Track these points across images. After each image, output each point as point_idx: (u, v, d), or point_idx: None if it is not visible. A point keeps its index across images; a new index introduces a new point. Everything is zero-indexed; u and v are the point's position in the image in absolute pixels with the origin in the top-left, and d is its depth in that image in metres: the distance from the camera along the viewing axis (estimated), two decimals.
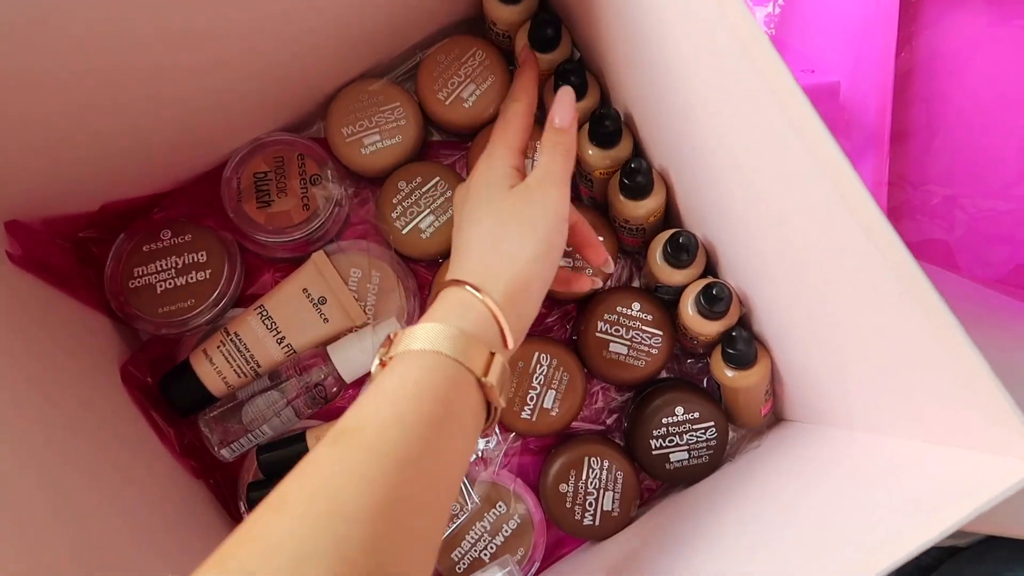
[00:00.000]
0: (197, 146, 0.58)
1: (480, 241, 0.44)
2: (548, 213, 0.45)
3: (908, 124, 0.56)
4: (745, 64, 0.36)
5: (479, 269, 0.43)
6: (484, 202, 0.46)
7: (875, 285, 0.36)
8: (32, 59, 0.39)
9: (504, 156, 0.48)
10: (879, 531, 0.36)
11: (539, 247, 0.44)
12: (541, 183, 0.46)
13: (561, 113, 0.48)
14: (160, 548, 0.49)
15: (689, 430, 0.56)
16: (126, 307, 0.57)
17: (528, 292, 0.43)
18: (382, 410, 0.35)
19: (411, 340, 0.38)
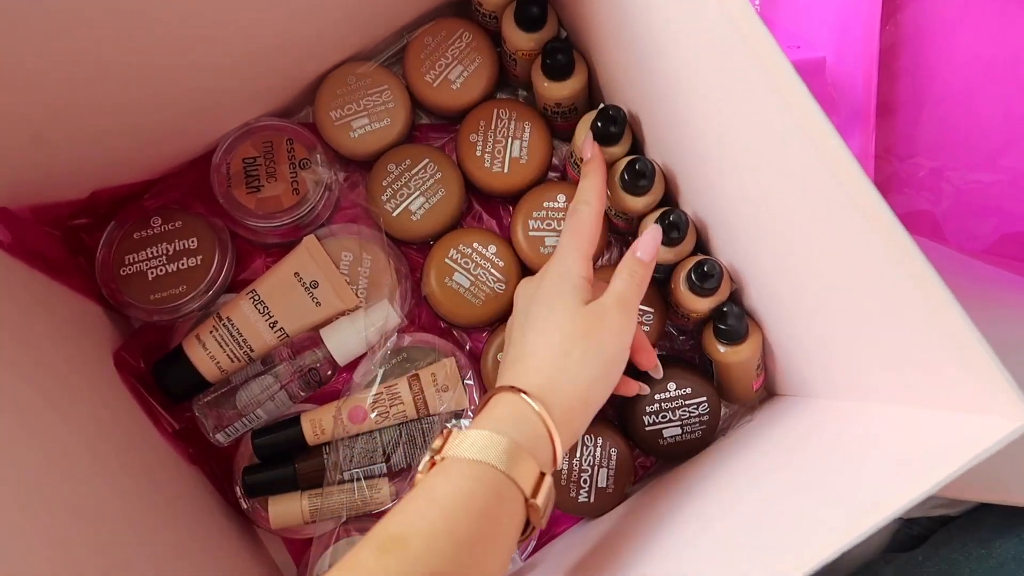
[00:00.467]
0: (186, 132, 0.58)
1: (546, 353, 0.43)
2: (617, 339, 0.45)
3: (894, 97, 0.56)
4: (734, 38, 0.36)
5: (542, 383, 0.42)
6: (555, 312, 0.45)
7: (863, 252, 0.37)
8: (18, 47, 0.39)
9: (577, 265, 0.46)
10: (867, 493, 0.36)
11: (603, 370, 0.44)
12: (616, 307, 0.45)
13: (644, 248, 0.48)
14: (157, 533, 0.50)
15: (682, 406, 0.56)
16: (118, 294, 0.57)
17: (585, 413, 0.44)
18: (434, 521, 0.35)
19: (466, 446, 0.38)
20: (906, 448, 0.38)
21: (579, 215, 0.48)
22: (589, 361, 0.43)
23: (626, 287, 0.46)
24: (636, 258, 0.48)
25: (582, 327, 0.44)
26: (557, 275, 0.46)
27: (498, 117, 0.59)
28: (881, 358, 0.41)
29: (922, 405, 0.39)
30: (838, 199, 0.36)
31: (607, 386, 0.45)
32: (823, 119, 0.35)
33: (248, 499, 0.57)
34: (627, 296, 0.46)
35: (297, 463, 0.56)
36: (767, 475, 0.47)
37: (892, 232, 0.34)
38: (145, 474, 0.52)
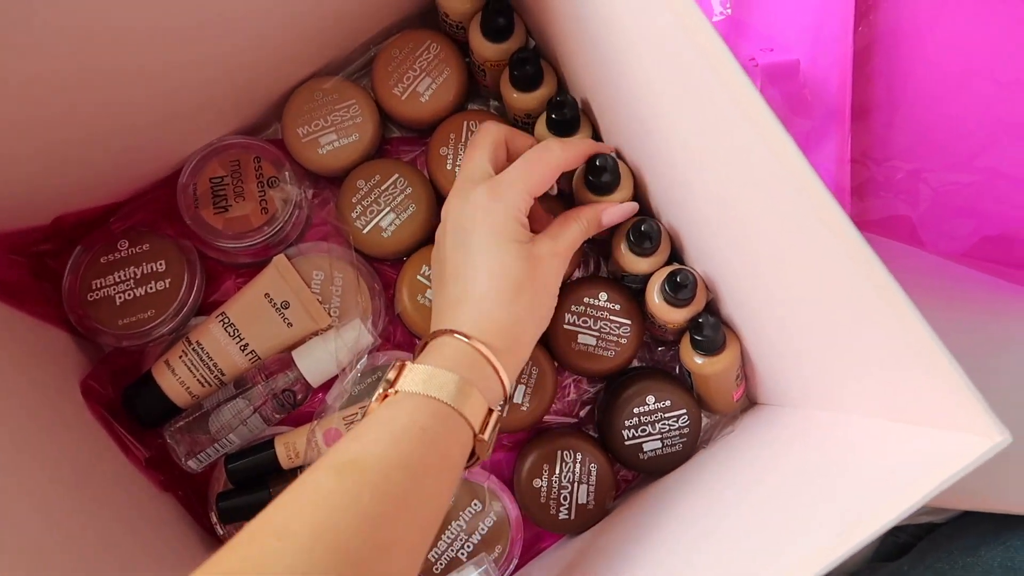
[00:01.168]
0: (151, 153, 0.57)
1: (496, 298, 0.43)
2: (558, 283, 0.46)
3: (869, 100, 0.55)
4: (690, 50, 0.35)
5: (493, 329, 0.43)
6: (501, 252, 0.44)
7: (829, 265, 0.36)
8: None
9: (523, 201, 0.45)
10: (848, 511, 0.35)
11: (546, 315, 0.46)
12: (564, 255, 0.47)
13: (612, 215, 0.50)
14: (130, 564, 0.49)
15: (661, 419, 0.55)
16: (85, 321, 0.56)
17: (526, 353, 0.45)
18: (388, 451, 0.36)
19: (420, 381, 0.39)
20: (885, 465, 0.37)
21: (546, 153, 0.47)
22: (536, 307, 0.45)
23: (575, 239, 0.47)
24: (598, 216, 0.49)
25: (529, 272, 0.44)
26: (502, 208, 0.44)
27: (468, 129, 0.58)
28: (854, 370, 0.41)
29: (899, 419, 0.38)
30: (801, 211, 0.35)
31: (543, 328, 0.47)
32: (781, 131, 0.34)
33: (223, 525, 0.56)
34: (574, 247, 0.48)
35: (272, 487, 0.55)
36: (748, 492, 0.46)
37: (855, 245, 0.33)
38: (117, 504, 0.51)
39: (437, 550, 0.56)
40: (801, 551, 0.35)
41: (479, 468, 0.58)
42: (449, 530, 0.56)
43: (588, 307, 0.56)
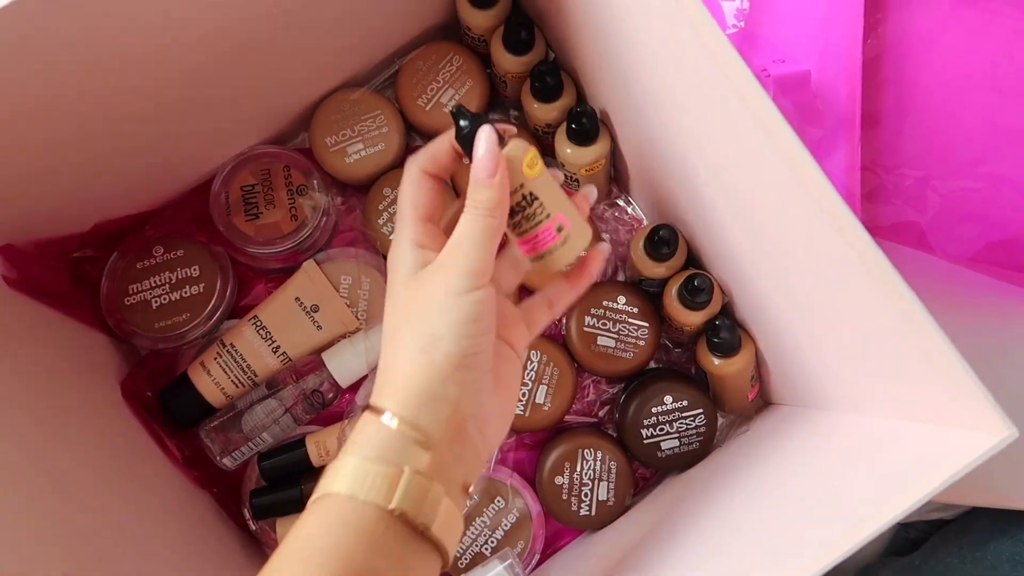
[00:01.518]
0: (185, 162, 0.59)
1: (385, 348, 0.37)
2: (440, 296, 0.35)
3: (879, 109, 0.57)
4: (706, 62, 0.37)
5: (383, 386, 0.36)
6: (389, 298, 0.38)
7: (841, 269, 0.37)
8: (24, 85, 0.40)
9: (406, 231, 0.38)
10: (859, 506, 0.37)
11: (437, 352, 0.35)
12: (440, 262, 0.36)
13: (479, 163, 0.37)
14: (168, 558, 0.51)
15: (679, 418, 0.57)
16: (123, 324, 0.58)
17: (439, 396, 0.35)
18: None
19: (323, 483, 0.33)
20: (895, 461, 0.39)
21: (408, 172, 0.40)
22: (416, 339, 0.35)
23: (461, 225, 0.37)
24: (475, 181, 0.37)
25: (405, 299, 0.37)
26: (389, 262, 0.39)
27: None
28: (865, 371, 0.42)
29: (909, 417, 0.40)
30: (815, 217, 0.37)
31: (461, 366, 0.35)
32: (795, 140, 0.36)
33: (256, 521, 0.58)
34: (461, 237, 0.36)
35: (303, 484, 0.57)
36: (762, 489, 0.48)
37: (867, 251, 0.35)
38: (155, 500, 0.53)
39: (462, 545, 0.58)
40: (812, 545, 0.37)
41: (502, 466, 0.60)
42: (473, 526, 0.58)
43: (607, 310, 0.58)
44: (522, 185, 0.38)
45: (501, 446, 0.59)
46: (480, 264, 0.36)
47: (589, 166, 0.56)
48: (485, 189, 0.36)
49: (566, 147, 0.56)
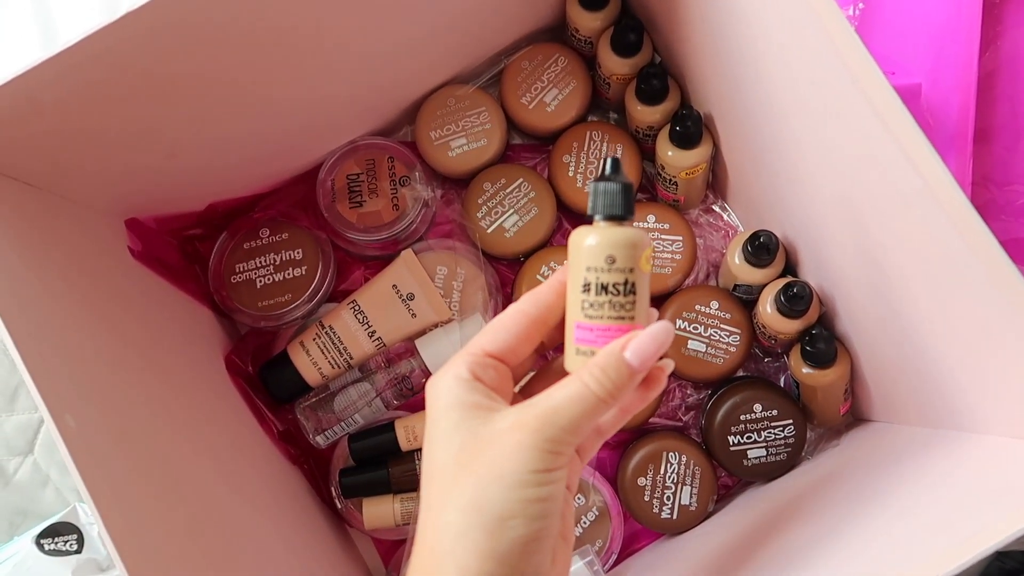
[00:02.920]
0: (295, 150, 0.61)
1: (425, 516, 0.31)
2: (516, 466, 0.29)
3: (992, 124, 0.56)
4: (836, 62, 0.37)
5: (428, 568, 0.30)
6: (434, 439, 0.31)
7: (962, 280, 0.37)
8: (154, 70, 0.42)
9: (457, 359, 0.32)
10: (964, 524, 0.36)
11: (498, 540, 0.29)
12: (523, 421, 0.30)
13: (639, 349, 0.31)
14: (262, 526, 0.52)
15: (767, 427, 0.56)
16: (228, 301, 0.60)
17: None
18: None
19: None
20: (1002, 481, 0.38)
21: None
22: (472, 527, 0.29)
23: (562, 405, 0.30)
24: (621, 358, 0.31)
25: (456, 462, 0.30)
26: (429, 390, 0.32)
27: (590, 139, 0.61)
28: (975, 387, 0.41)
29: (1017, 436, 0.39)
30: (937, 223, 0.36)
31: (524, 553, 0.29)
32: (926, 143, 0.35)
33: (343, 500, 0.60)
34: (552, 421, 0.30)
35: (390, 467, 0.58)
36: (854, 505, 0.47)
37: (993, 257, 0.34)
38: (251, 470, 0.55)
39: None
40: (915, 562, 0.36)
41: None
42: None
43: (699, 314, 0.58)
44: (632, 271, 0.33)
45: None
46: (569, 445, 0.30)
47: (689, 169, 0.56)
48: (624, 372, 0.30)
49: (668, 149, 0.56)
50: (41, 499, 0.62)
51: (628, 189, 0.34)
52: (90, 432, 0.38)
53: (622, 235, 0.33)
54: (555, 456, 0.29)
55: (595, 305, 0.33)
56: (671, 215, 0.60)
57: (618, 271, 0.33)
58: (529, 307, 0.34)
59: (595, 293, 0.33)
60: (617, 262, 0.33)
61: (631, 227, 0.34)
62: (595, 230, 0.33)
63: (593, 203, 0.34)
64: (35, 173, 0.45)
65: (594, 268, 0.33)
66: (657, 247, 0.59)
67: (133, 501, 0.40)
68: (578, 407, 0.30)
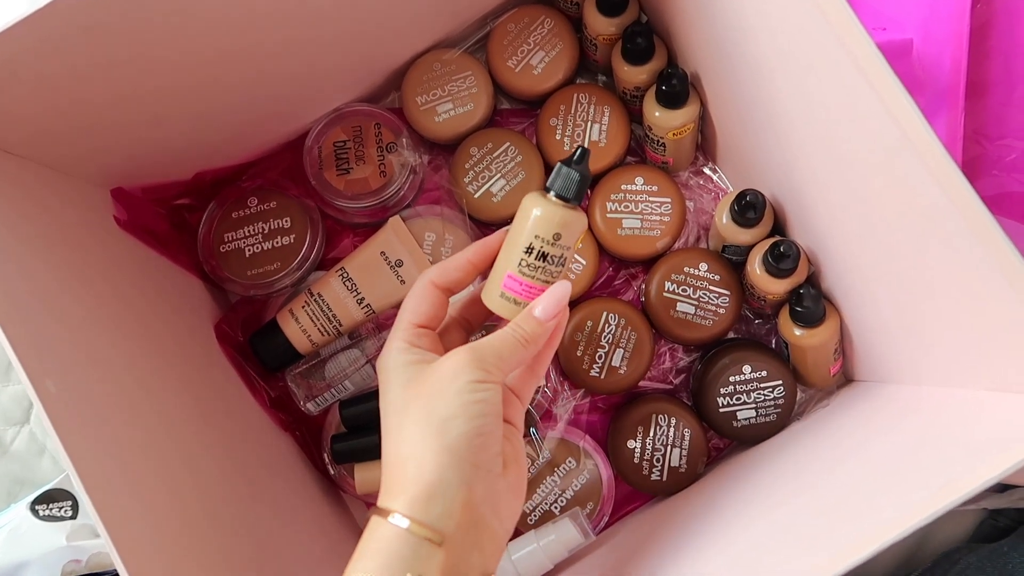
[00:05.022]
0: (281, 117, 0.61)
1: (387, 448, 0.38)
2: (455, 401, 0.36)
3: (985, 78, 0.55)
4: (818, 19, 0.36)
5: (390, 485, 0.36)
6: (386, 399, 0.39)
7: (945, 232, 0.36)
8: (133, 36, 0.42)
9: (395, 340, 0.40)
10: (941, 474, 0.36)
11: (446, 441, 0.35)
12: (453, 363, 0.37)
13: (545, 304, 0.39)
14: (252, 494, 0.53)
15: (756, 388, 0.56)
16: (218, 270, 0.60)
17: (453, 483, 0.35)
18: None
19: None
20: (982, 432, 0.38)
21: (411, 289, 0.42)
22: (425, 433, 0.35)
23: (488, 338, 0.38)
24: (530, 315, 0.39)
25: (407, 394, 0.37)
26: (379, 367, 0.40)
27: (578, 101, 0.60)
28: (962, 343, 0.41)
29: (1003, 389, 0.39)
30: (921, 180, 0.36)
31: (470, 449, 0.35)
32: (908, 100, 0.35)
33: (335, 465, 0.60)
34: (482, 344, 0.38)
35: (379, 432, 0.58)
36: (837, 462, 0.47)
37: (976, 214, 0.34)
38: (243, 438, 0.56)
39: (532, 503, 0.59)
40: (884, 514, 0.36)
41: (574, 427, 0.60)
42: (544, 485, 0.59)
43: (688, 276, 0.58)
44: (569, 248, 0.40)
45: (575, 407, 0.60)
46: (496, 369, 0.37)
47: (677, 130, 0.56)
48: (535, 325, 0.39)
49: (655, 110, 0.56)
50: (38, 468, 0.63)
51: (585, 181, 0.40)
52: (72, 397, 0.39)
53: (573, 218, 0.40)
54: (486, 372, 0.37)
55: (531, 267, 0.40)
56: (659, 177, 0.59)
57: (560, 247, 0.40)
58: (440, 280, 0.41)
59: (535, 258, 0.39)
60: (562, 239, 0.39)
61: (578, 211, 0.40)
62: (549, 204, 0.40)
63: (554, 179, 0.40)
64: (15, 142, 0.45)
65: (541, 238, 0.39)
66: (645, 210, 0.59)
67: (116, 467, 0.40)
68: (501, 343, 0.38)
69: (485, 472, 0.36)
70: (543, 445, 0.58)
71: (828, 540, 0.38)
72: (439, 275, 0.41)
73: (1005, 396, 0.39)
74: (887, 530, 0.34)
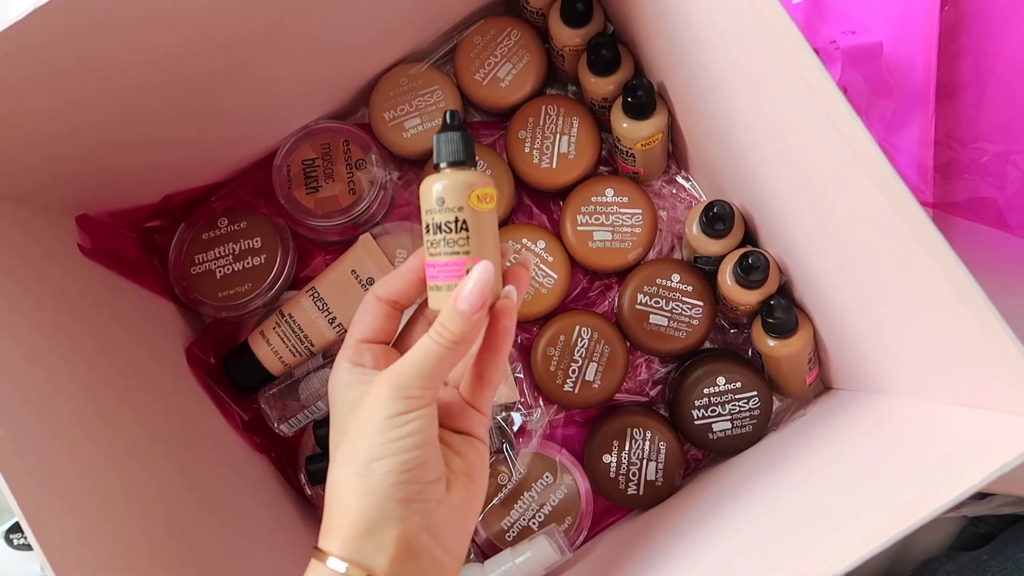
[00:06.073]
0: (250, 137, 0.61)
1: (328, 483, 0.37)
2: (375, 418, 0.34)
3: (956, 80, 0.54)
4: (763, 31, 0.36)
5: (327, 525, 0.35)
6: (332, 425, 0.39)
7: (896, 245, 0.36)
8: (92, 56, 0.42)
9: (340, 355, 0.40)
10: (906, 493, 0.36)
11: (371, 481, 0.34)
12: (380, 381, 0.35)
13: (466, 294, 0.35)
14: (228, 518, 0.53)
15: (732, 400, 0.56)
16: (189, 292, 0.60)
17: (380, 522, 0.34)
18: None
19: None
20: (946, 448, 0.37)
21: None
22: (349, 475, 0.35)
23: (411, 360, 0.35)
24: (454, 308, 0.35)
25: (344, 425, 0.37)
26: (330, 384, 0.40)
27: (546, 113, 0.60)
28: (922, 353, 0.41)
29: (964, 404, 0.38)
30: (870, 193, 0.35)
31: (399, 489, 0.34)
32: (851, 114, 0.34)
33: (311, 486, 0.60)
34: (399, 369, 0.35)
35: None
36: (813, 473, 0.46)
37: (922, 228, 0.33)
38: (216, 462, 0.55)
39: (509, 519, 0.58)
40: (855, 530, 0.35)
41: (550, 442, 0.60)
42: (521, 500, 0.58)
43: (661, 288, 0.57)
44: (461, 209, 0.37)
45: (550, 422, 0.59)
46: (421, 392, 0.35)
47: (645, 141, 0.55)
48: (460, 321, 0.35)
49: (622, 121, 0.55)
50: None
51: (465, 137, 0.38)
52: (25, 440, 0.38)
53: (451, 178, 0.37)
54: (408, 400, 0.34)
55: (434, 243, 0.38)
56: (629, 188, 0.59)
57: (448, 211, 0.37)
58: (382, 292, 0.41)
59: (432, 233, 0.38)
60: (447, 202, 0.37)
61: (458, 171, 0.38)
62: (427, 180, 0.38)
63: (436, 153, 0.38)
64: None
65: (429, 211, 0.38)
66: (616, 221, 0.58)
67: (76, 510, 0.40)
68: (425, 358, 0.35)
69: (419, 504, 0.35)
70: (517, 461, 0.58)
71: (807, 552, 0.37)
72: (382, 288, 0.41)
73: (970, 411, 0.38)
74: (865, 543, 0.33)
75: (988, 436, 0.34)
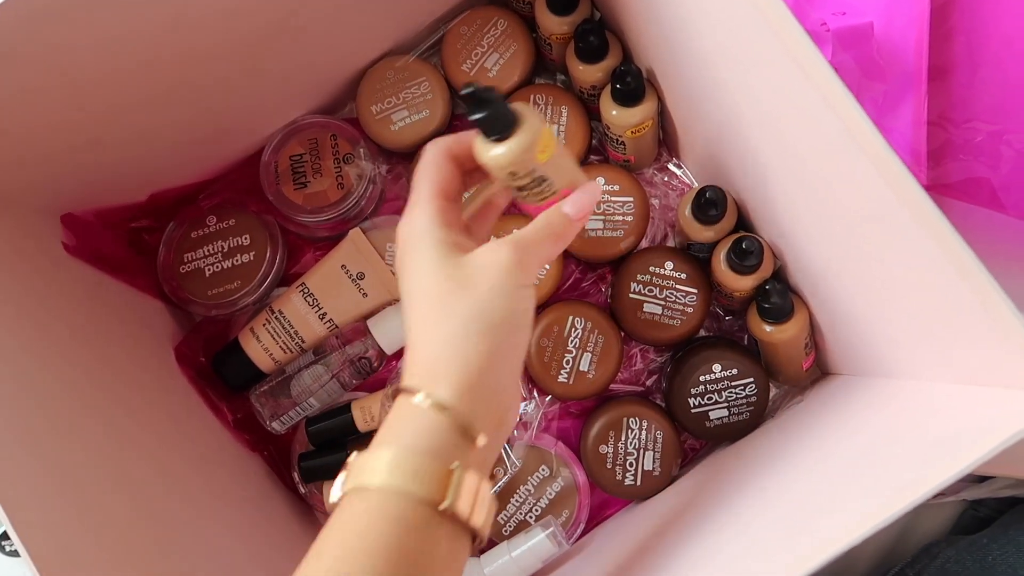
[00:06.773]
0: (236, 133, 0.60)
1: (420, 333, 0.35)
2: (500, 298, 0.35)
3: (948, 60, 0.53)
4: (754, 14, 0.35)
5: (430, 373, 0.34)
6: (416, 275, 0.36)
7: (896, 226, 0.35)
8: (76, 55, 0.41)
9: (422, 208, 0.37)
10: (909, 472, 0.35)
11: (493, 340, 0.34)
12: (494, 257, 0.35)
13: (575, 203, 0.39)
14: (219, 517, 0.52)
15: (728, 387, 0.55)
16: (178, 291, 0.60)
17: (496, 393, 0.35)
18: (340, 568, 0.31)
19: (362, 472, 0.33)
20: (949, 427, 0.37)
21: (422, 159, 0.39)
22: (472, 331, 0.34)
23: (526, 235, 0.37)
24: (561, 212, 0.39)
25: (447, 287, 0.35)
26: (404, 234, 0.37)
27: (534, 103, 0.59)
28: (924, 334, 0.40)
29: (966, 382, 0.38)
30: (867, 174, 0.34)
31: (510, 356, 0.35)
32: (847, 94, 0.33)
33: (305, 484, 0.59)
34: (523, 243, 0.36)
35: (349, 449, 0.58)
36: (812, 458, 0.46)
37: (921, 207, 0.33)
38: (208, 462, 0.55)
39: (506, 513, 0.58)
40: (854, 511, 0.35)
41: (546, 434, 0.59)
42: (517, 494, 0.58)
43: (654, 276, 0.57)
44: (533, 170, 0.38)
45: (545, 414, 0.59)
46: (539, 266, 0.38)
47: (635, 127, 0.55)
48: (566, 222, 0.39)
49: (611, 108, 0.54)
50: None
51: (498, 108, 0.36)
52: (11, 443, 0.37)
53: (508, 152, 0.37)
54: (528, 275, 0.36)
55: (525, 198, 0.40)
56: (621, 176, 0.58)
57: (522, 177, 0.38)
58: (455, 148, 0.39)
59: (517, 191, 0.39)
60: (518, 173, 0.38)
61: (518, 135, 0.36)
62: (494, 156, 0.37)
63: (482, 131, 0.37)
64: None
65: (504, 181, 0.39)
66: (608, 210, 0.58)
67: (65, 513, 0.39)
68: (539, 240, 0.38)
69: (516, 382, 0.36)
70: (512, 453, 0.57)
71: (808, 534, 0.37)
72: (456, 144, 0.39)
73: (971, 389, 0.38)
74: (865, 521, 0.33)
75: (992, 411, 0.34)
